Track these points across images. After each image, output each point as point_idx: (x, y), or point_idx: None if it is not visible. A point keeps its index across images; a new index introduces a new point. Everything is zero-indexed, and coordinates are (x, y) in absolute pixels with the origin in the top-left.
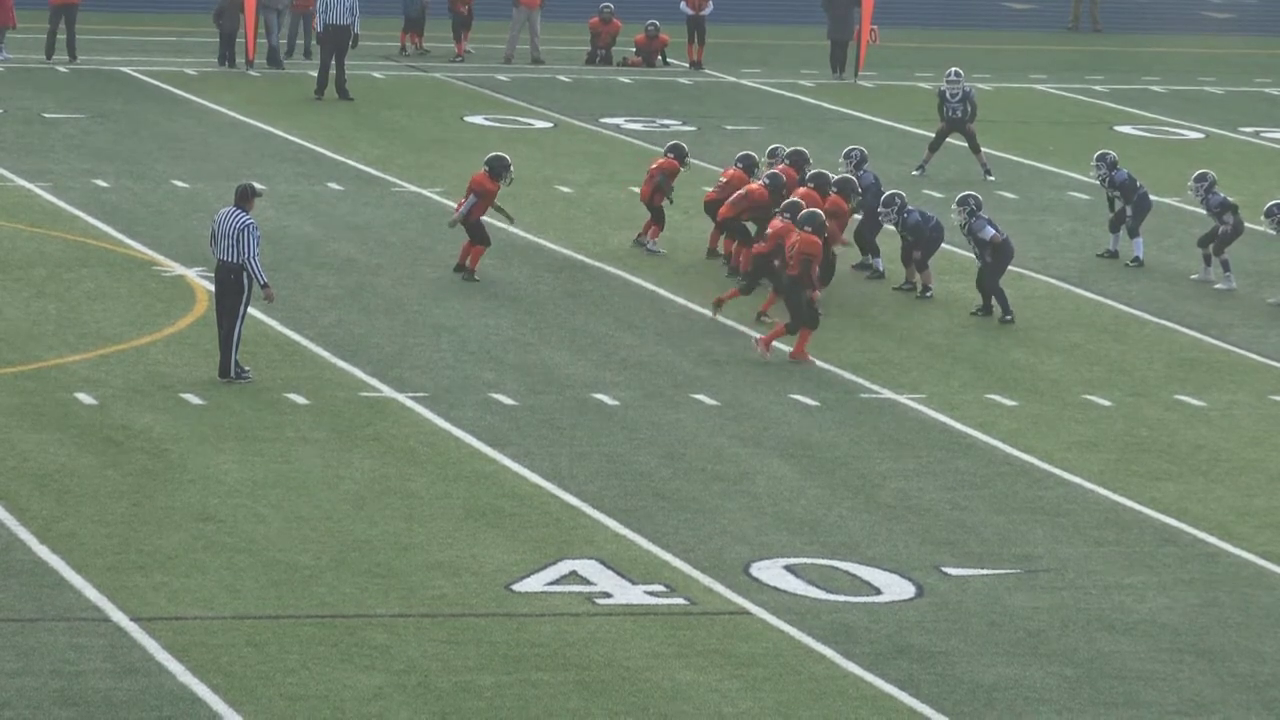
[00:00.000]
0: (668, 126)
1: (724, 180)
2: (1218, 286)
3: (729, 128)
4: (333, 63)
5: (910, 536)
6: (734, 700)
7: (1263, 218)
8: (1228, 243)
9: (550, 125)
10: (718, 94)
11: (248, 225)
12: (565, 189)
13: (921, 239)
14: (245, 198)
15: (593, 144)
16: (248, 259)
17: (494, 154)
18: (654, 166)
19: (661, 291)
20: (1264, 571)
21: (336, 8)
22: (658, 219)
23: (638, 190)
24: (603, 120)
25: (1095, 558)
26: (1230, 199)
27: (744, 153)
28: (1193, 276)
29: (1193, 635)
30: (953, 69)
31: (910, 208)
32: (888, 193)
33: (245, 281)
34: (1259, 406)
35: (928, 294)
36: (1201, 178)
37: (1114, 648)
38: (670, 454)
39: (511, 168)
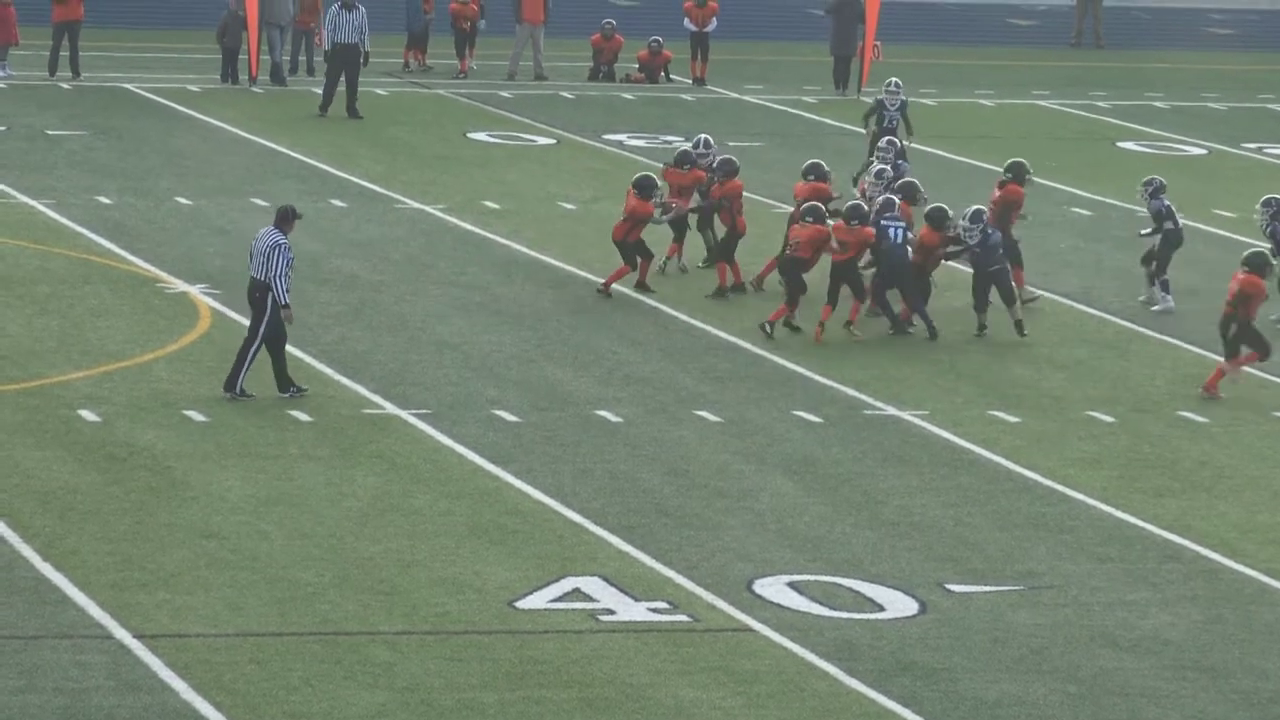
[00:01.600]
0: (670, 143)
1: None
2: (1155, 308)
3: (732, 144)
4: (342, 80)
5: (913, 553)
6: (737, 717)
7: (1258, 207)
8: (1168, 260)
9: (553, 142)
10: (721, 110)
11: (279, 244)
12: (568, 205)
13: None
14: (285, 219)
15: (595, 160)
16: (274, 277)
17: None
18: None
19: (664, 308)
20: (1267, 588)
21: (345, 26)
22: (678, 236)
23: None
24: (605, 137)
25: (1098, 574)
26: (1172, 208)
27: (811, 161)
28: (1139, 298)
29: (1196, 652)
30: (893, 79)
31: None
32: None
33: (270, 301)
34: (1262, 423)
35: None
36: (1149, 181)
37: (1117, 665)
38: (673, 470)
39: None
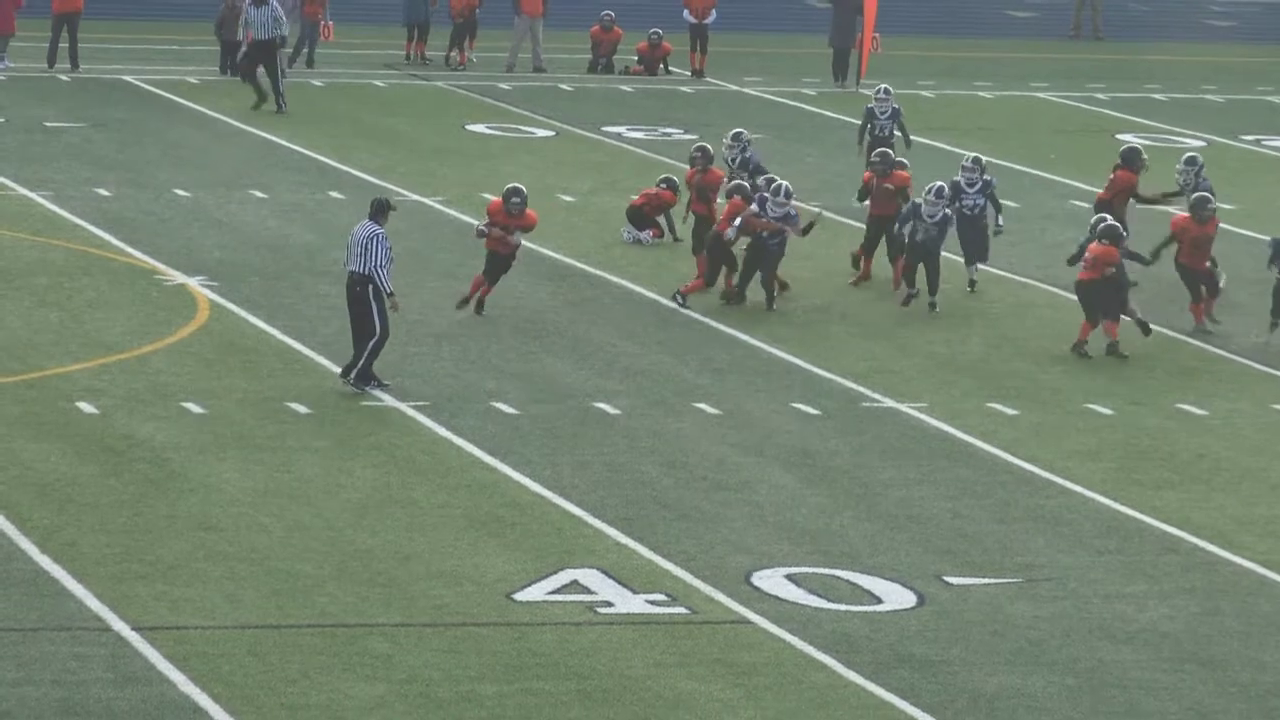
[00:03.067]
0: (670, 135)
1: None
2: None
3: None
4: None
5: (911, 545)
6: (735, 710)
7: (1181, 165)
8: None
9: (552, 134)
10: (720, 102)
11: (376, 235)
12: (567, 198)
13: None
14: (380, 211)
15: (594, 153)
16: (374, 267)
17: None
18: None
19: (663, 301)
20: (1265, 580)
21: (258, 23)
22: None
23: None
24: (604, 129)
25: (1096, 567)
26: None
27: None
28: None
29: (1194, 644)
30: (882, 86)
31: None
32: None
33: (370, 293)
34: (1260, 415)
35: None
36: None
37: (1115, 657)
38: (672, 463)
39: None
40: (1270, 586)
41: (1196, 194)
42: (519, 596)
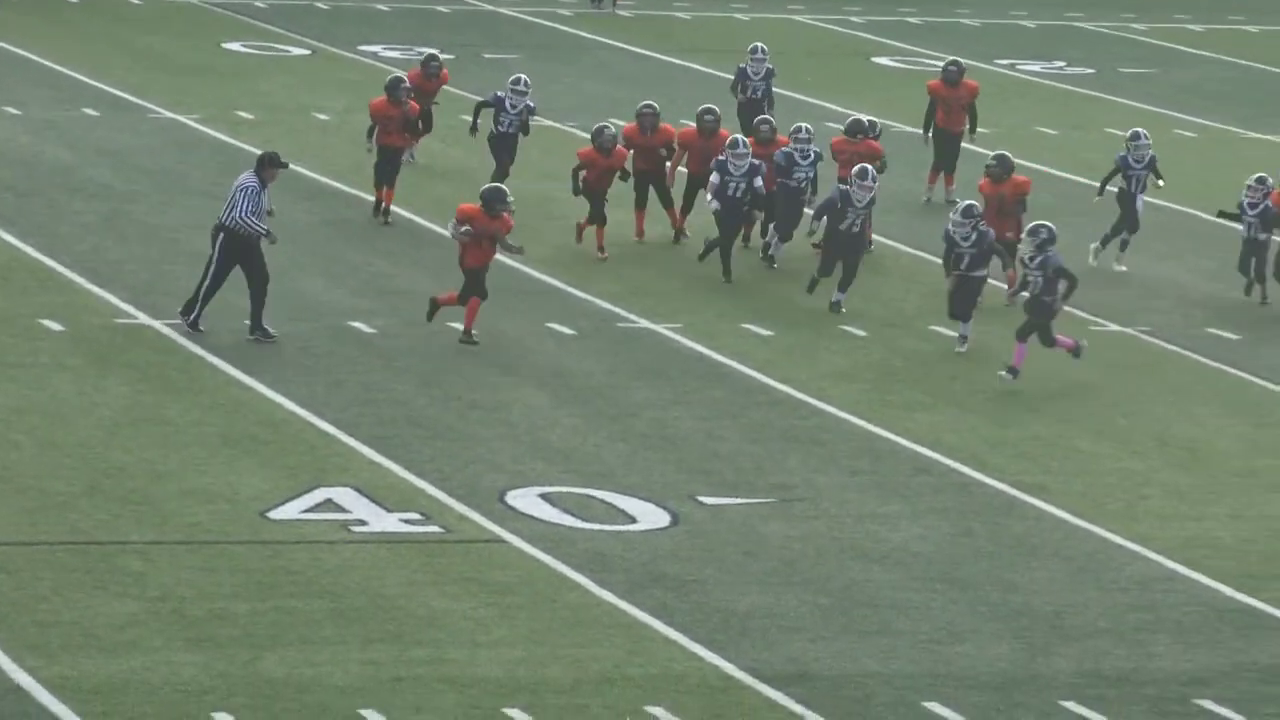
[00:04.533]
0: (424, 54)
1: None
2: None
3: (488, 56)
4: None
5: (665, 465)
6: (489, 628)
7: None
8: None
9: (308, 53)
10: (477, 22)
11: (246, 188)
12: (323, 116)
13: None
14: (259, 164)
15: (350, 72)
16: (236, 216)
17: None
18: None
19: (418, 220)
20: (1016, 501)
21: None
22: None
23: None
24: (360, 48)
25: (850, 487)
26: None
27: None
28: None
29: (946, 565)
30: (758, 44)
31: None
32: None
33: (232, 243)
34: (1011, 338)
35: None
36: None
37: (867, 576)
38: (426, 382)
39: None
40: (1021, 508)
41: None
42: (273, 515)
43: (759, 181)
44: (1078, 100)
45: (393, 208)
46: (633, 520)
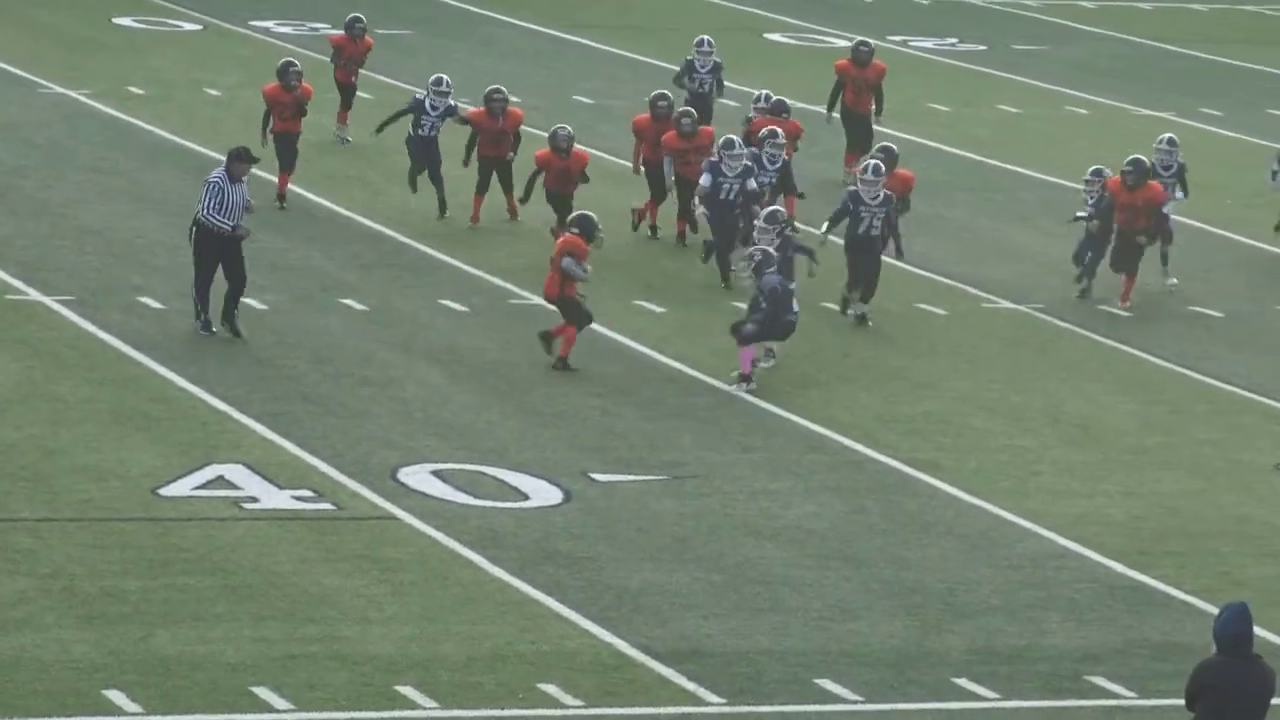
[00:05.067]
0: (318, 30)
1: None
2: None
3: (381, 32)
4: None
5: (558, 442)
6: (380, 605)
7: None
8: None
9: (199, 28)
10: None
11: (209, 182)
12: (214, 92)
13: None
14: (229, 160)
15: (242, 47)
16: (201, 213)
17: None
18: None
19: (310, 195)
20: (909, 478)
21: None
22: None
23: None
24: (252, 23)
25: (742, 464)
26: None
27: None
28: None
29: (838, 541)
30: (704, 37)
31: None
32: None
33: (204, 237)
34: (905, 315)
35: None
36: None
37: (760, 553)
38: (319, 358)
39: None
40: (913, 485)
41: (680, 109)
42: (164, 492)
43: (753, 183)
44: (970, 77)
45: (290, 186)
46: (525, 497)
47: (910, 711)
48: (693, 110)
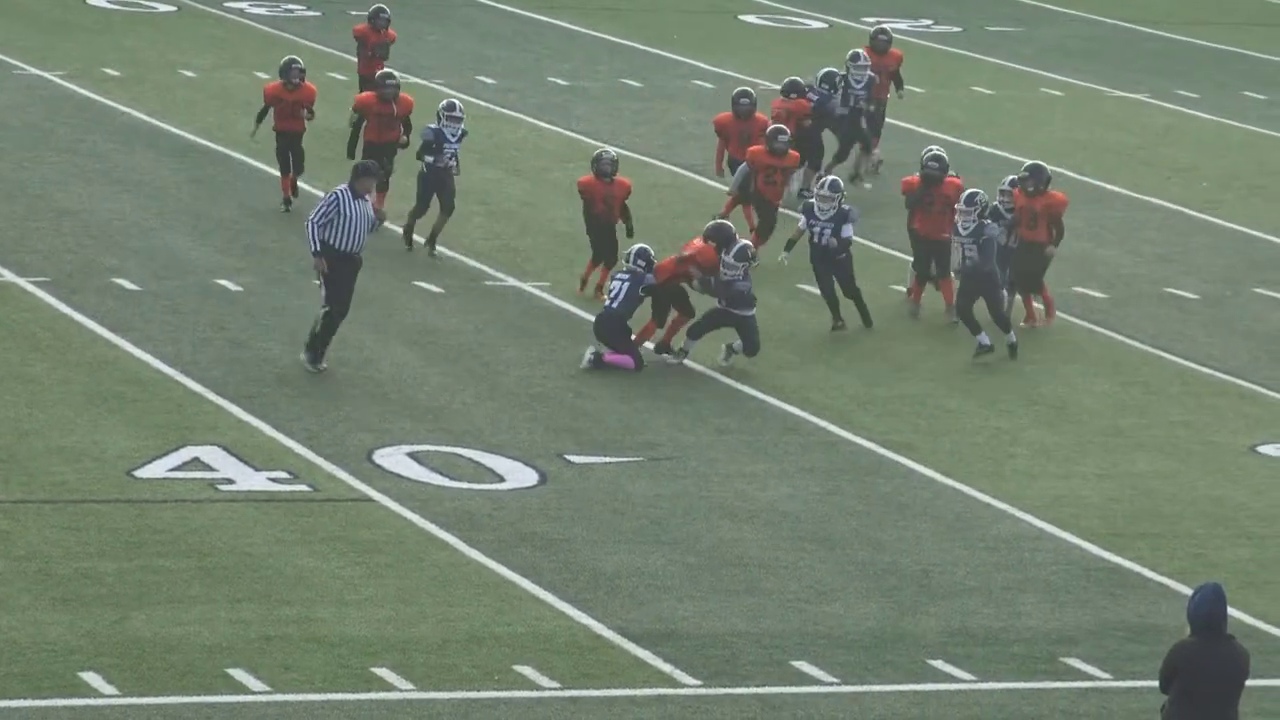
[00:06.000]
0: (292, 11)
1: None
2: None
3: (354, 13)
4: None
5: (534, 424)
6: (357, 587)
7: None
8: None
9: (174, 9)
10: None
11: (327, 196)
12: (189, 73)
13: None
14: (354, 175)
15: (217, 29)
16: (306, 221)
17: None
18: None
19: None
20: (884, 460)
21: None
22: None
23: (264, 76)
24: (227, 4)
25: (718, 446)
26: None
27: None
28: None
29: (814, 523)
30: (858, 50)
31: None
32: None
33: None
34: (880, 296)
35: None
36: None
37: (735, 535)
38: (294, 340)
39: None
40: (889, 466)
41: (772, 127)
42: (139, 473)
43: (848, 230)
44: (945, 59)
45: (264, 167)
46: (500, 479)
47: (886, 693)
48: (786, 128)
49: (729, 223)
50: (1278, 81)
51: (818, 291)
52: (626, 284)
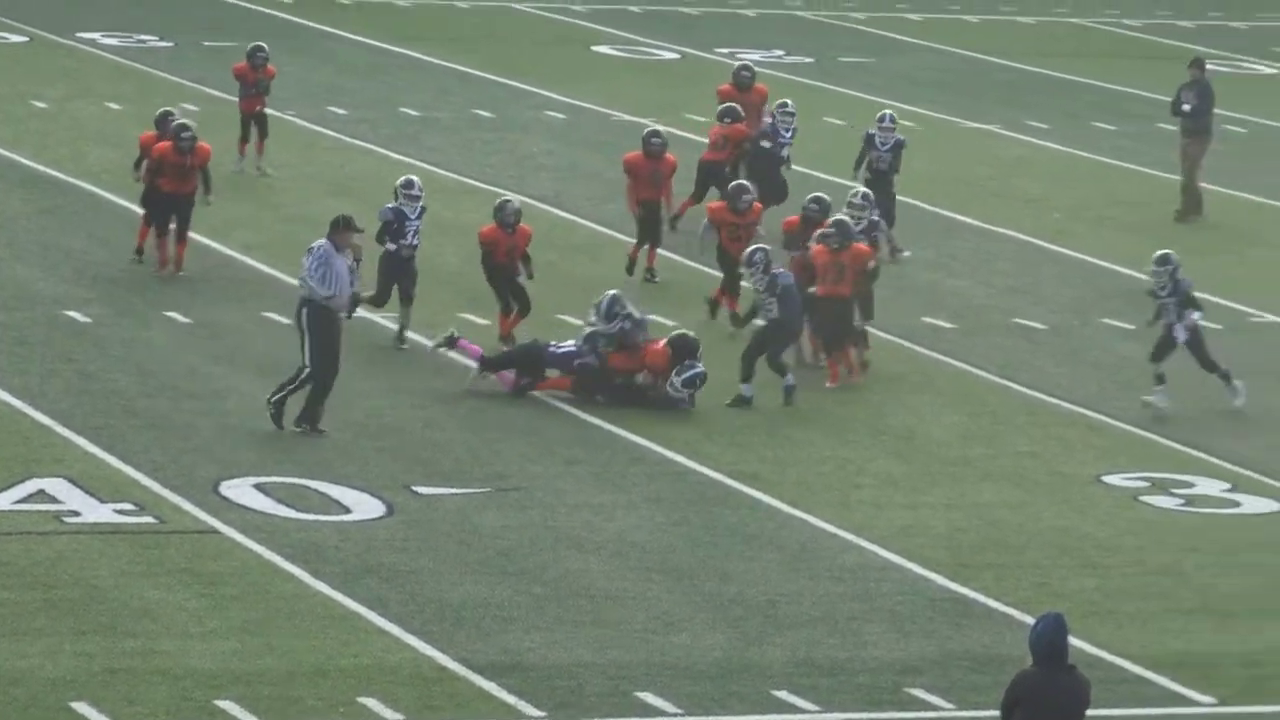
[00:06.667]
0: (145, 42)
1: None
2: (1157, 403)
3: (207, 44)
4: None
5: (381, 455)
6: (202, 619)
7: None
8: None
9: (25, 39)
10: (196, 9)
11: (309, 248)
12: (40, 104)
13: None
14: (334, 229)
15: (69, 59)
16: (302, 277)
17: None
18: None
19: (134, 208)
20: (731, 491)
21: None
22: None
23: (116, 107)
24: (79, 35)
25: (565, 476)
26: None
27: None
28: (1146, 398)
29: (660, 554)
30: (886, 113)
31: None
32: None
33: (301, 319)
34: (722, 326)
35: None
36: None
37: (583, 566)
38: (142, 371)
39: None
40: (736, 497)
41: (735, 183)
42: None
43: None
44: (797, 89)
45: (114, 198)
46: (347, 510)
47: None
48: (749, 185)
49: (693, 336)
50: (1127, 112)
51: (666, 321)
52: (582, 348)
